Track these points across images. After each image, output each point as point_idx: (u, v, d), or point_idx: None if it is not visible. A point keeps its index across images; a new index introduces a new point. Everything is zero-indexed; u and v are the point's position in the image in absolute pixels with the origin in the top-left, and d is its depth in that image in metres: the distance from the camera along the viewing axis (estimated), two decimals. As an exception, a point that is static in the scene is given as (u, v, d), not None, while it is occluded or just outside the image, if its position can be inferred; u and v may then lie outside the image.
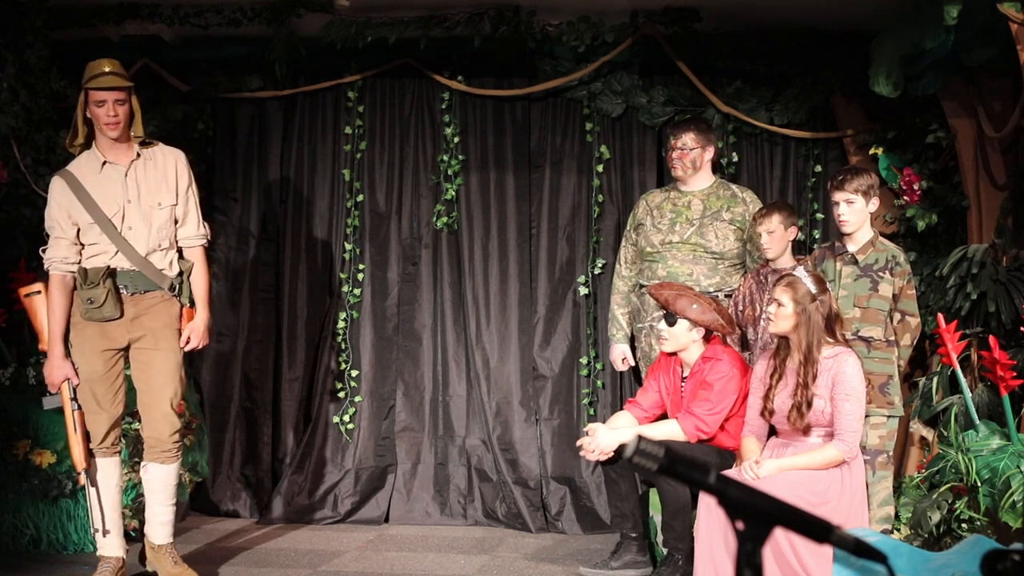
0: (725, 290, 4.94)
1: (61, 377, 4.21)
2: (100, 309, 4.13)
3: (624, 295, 5.17)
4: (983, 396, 4.56)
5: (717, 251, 4.94)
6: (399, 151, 5.94)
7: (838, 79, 5.47)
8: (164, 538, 4.37)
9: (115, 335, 4.21)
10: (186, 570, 4.35)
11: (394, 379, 5.89)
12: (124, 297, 4.20)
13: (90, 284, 4.12)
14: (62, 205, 4.16)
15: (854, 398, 3.94)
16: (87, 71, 4.18)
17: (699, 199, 5.03)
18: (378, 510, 5.74)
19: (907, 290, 4.35)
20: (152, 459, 4.30)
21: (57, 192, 4.18)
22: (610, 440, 4.45)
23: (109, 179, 4.20)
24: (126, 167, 4.22)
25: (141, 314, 4.22)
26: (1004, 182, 4.88)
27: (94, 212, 4.14)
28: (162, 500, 4.33)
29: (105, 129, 4.16)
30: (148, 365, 4.24)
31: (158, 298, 4.25)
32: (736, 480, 1.59)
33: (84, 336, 4.20)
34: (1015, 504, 3.96)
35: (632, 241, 5.16)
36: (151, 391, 4.24)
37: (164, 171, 4.27)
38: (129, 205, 4.19)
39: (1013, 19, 4.17)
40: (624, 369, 5.26)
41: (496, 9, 5.32)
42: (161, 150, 4.31)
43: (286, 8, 5.25)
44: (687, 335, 4.50)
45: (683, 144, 4.99)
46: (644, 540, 4.63)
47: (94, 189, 4.17)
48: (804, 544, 3.63)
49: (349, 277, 5.91)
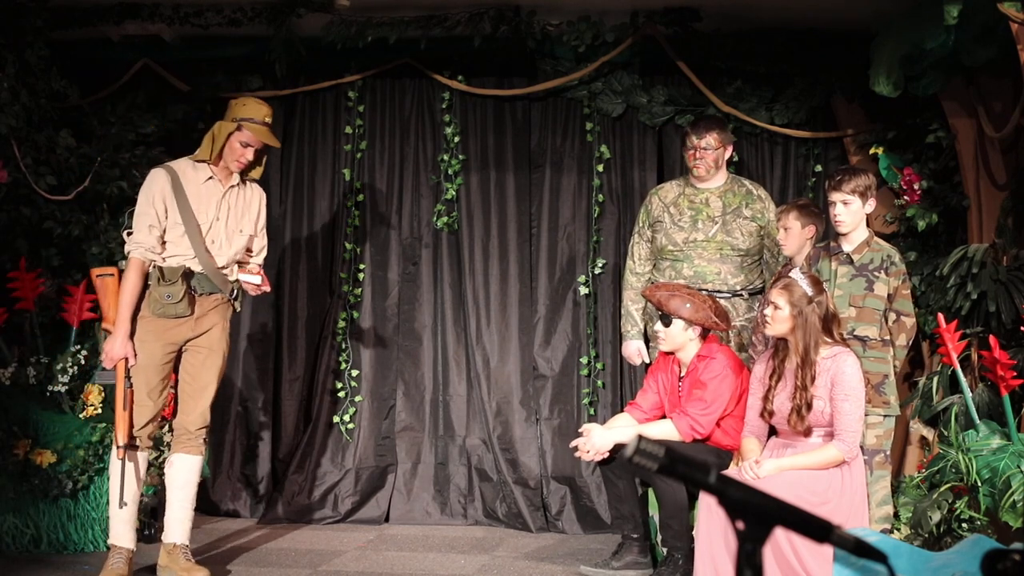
0: (749, 288, 4.92)
1: (122, 354, 4.39)
2: (176, 305, 4.39)
3: (638, 291, 5.08)
4: (983, 396, 4.55)
5: (743, 248, 4.92)
6: (399, 151, 5.94)
7: (838, 79, 5.48)
8: (181, 537, 4.46)
9: (178, 332, 4.46)
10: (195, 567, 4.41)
11: (394, 379, 5.89)
12: (195, 297, 4.47)
13: (168, 281, 4.38)
14: (163, 197, 4.40)
15: (853, 398, 3.93)
16: (248, 108, 4.46)
17: (716, 196, 4.98)
18: (378, 510, 5.74)
19: (902, 290, 4.35)
20: (179, 449, 4.49)
21: (161, 184, 4.41)
22: (605, 440, 4.45)
23: (209, 193, 4.49)
24: (225, 189, 4.52)
25: (203, 315, 4.49)
26: (1004, 182, 4.88)
27: (186, 215, 4.41)
28: (182, 497, 4.47)
29: (234, 164, 4.49)
30: (200, 363, 4.50)
31: (219, 300, 4.53)
32: (736, 480, 1.59)
33: (149, 329, 4.43)
34: (1015, 504, 3.97)
35: (647, 238, 5.07)
36: (197, 386, 4.49)
37: (250, 204, 4.61)
38: (217, 222, 4.49)
39: (1013, 19, 4.17)
40: (639, 364, 5.21)
41: (496, 9, 5.32)
42: (251, 186, 4.65)
43: (286, 8, 5.25)
44: (683, 334, 4.50)
45: (707, 144, 4.94)
46: (645, 541, 4.63)
47: (193, 197, 4.44)
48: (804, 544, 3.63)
49: (349, 277, 5.91)
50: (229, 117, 4.46)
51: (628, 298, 5.13)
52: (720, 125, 5.05)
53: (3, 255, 5.28)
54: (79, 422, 4.99)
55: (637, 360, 5.16)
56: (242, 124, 4.42)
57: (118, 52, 5.68)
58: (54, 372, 5.04)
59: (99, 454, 4.98)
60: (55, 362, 5.07)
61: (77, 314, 5.22)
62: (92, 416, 4.98)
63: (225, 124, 4.44)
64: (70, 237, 5.34)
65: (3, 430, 4.90)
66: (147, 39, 5.60)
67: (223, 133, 4.44)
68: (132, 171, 5.38)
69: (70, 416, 5.03)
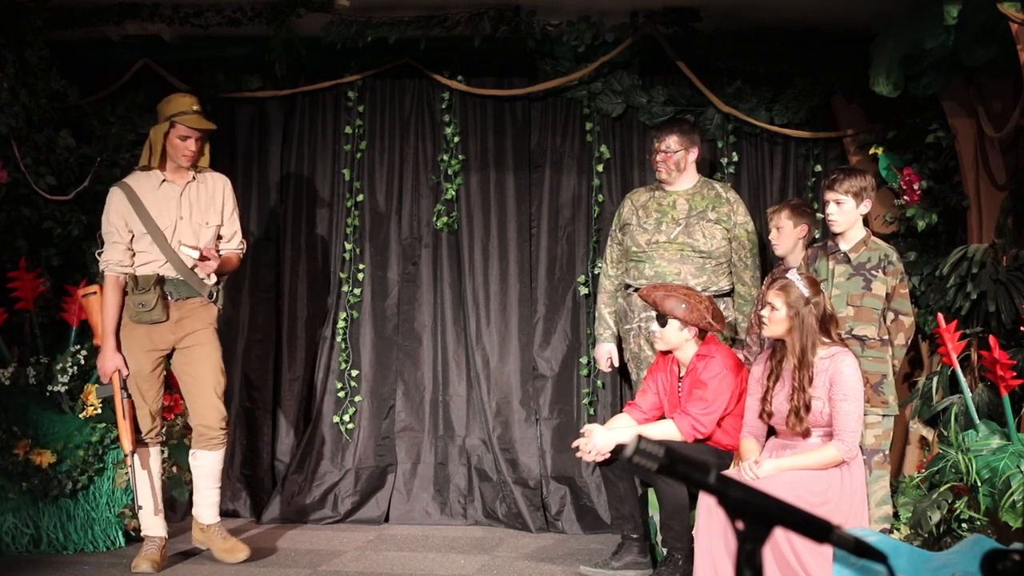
0: (712, 290, 4.94)
1: (112, 368, 4.60)
2: (150, 312, 4.57)
3: (611, 294, 5.18)
4: (983, 396, 4.55)
5: (704, 250, 4.96)
6: (399, 151, 5.94)
7: (838, 79, 5.47)
8: (213, 518, 4.79)
9: (161, 338, 4.64)
10: (237, 543, 4.76)
11: (394, 379, 5.89)
12: (169, 303, 4.64)
13: (141, 290, 4.57)
14: (120, 214, 4.59)
15: (852, 398, 3.93)
16: (174, 104, 4.61)
17: (684, 199, 5.05)
18: (378, 510, 5.74)
19: (900, 289, 4.35)
20: (201, 447, 4.73)
21: (116, 202, 4.61)
22: (606, 440, 4.45)
23: (165, 196, 4.64)
24: (182, 187, 4.67)
25: (184, 317, 4.66)
26: (1004, 182, 4.88)
27: (148, 224, 4.57)
28: (211, 484, 4.76)
29: (181, 159, 4.63)
30: (193, 361, 4.68)
31: (198, 304, 4.69)
32: (736, 480, 1.59)
33: (132, 338, 4.63)
34: (1015, 504, 3.96)
35: (618, 240, 5.17)
36: (198, 384, 4.69)
37: (213, 194, 4.73)
38: (181, 221, 4.63)
39: (1013, 19, 4.17)
40: (608, 370, 5.27)
41: (496, 9, 5.32)
42: (212, 175, 4.76)
43: (286, 8, 5.25)
44: (679, 335, 4.51)
45: (667, 147, 5.01)
46: (645, 542, 4.63)
47: (151, 204, 4.61)
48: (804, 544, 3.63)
49: (349, 277, 5.91)
50: (161, 119, 4.63)
51: (601, 301, 5.21)
52: (682, 127, 5.09)
53: (3, 255, 5.29)
54: (79, 422, 5.00)
55: (605, 363, 5.19)
56: (174, 120, 4.59)
57: (118, 52, 5.68)
58: (54, 372, 5.04)
59: (99, 454, 4.98)
60: (55, 362, 5.07)
61: (77, 314, 5.23)
62: (92, 416, 4.98)
63: (159, 127, 4.62)
64: (70, 237, 5.35)
65: (3, 430, 4.90)
66: (147, 39, 5.60)
67: (159, 135, 4.62)
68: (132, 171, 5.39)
69: (70, 416, 5.03)
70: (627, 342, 5.14)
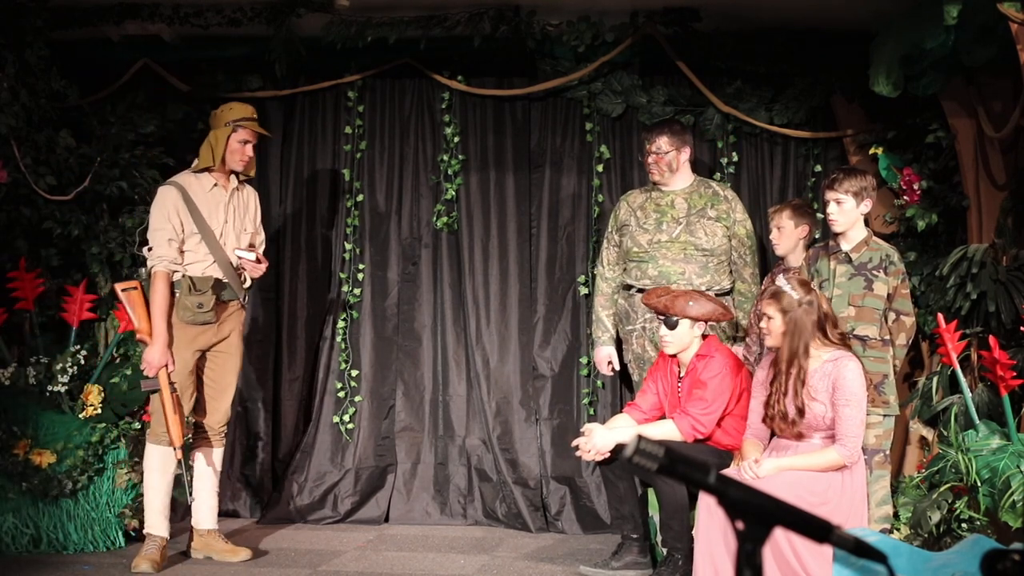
0: (715, 288, 4.93)
1: (163, 362, 4.64)
2: (207, 314, 4.68)
3: (608, 296, 5.15)
4: (983, 396, 4.56)
5: (707, 248, 4.95)
6: (399, 151, 5.94)
7: (838, 79, 5.47)
8: (212, 523, 4.85)
9: (204, 338, 4.75)
10: (237, 548, 4.82)
11: (394, 379, 5.89)
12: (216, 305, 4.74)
13: (199, 291, 4.67)
14: (176, 211, 4.68)
15: (854, 403, 3.91)
16: (236, 110, 4.76)
17: (682, 198, 5.03)
18: (378, 510, 5.74)
19: (901, 289, 4.35)
20: (203, 444, 4.85)
21: (172, 200, 4.69)
22: (606, 440, 4.44)
23: (215, 200, 4.77)
24: (228, 193, 4.81)
25: (224, 319, 4.79)
26: (1004, 182, 4.88)
27: (201, 225, 4.69)
28: (209, 487, 4.84)
29: (238, 164, 4.77)
30: (222, 365, 4.83)
31: (236, 307, 4.84)
32: (736, 480, 1.58)
33: (181, 337, 4.70)
34: (1015, 504, 3.97)
35: (615, 243, 5.14)
36: (219, 388, 4.84)
37: (247, 203, 4.92)
38: (227, 225, 4.78)
39: (1013, 19, 4.17)
40: (609, 373, 5.25)
41: (496, 9, 5.32)
42: (247, 188, 4.95)
43: (286, 8, 5.25)
44: (690, 333, 4.49)
45: (657, 148, 5.00)
46: (645, 542, 4.63)
47: (202, 205, 4.72)
48: (804, 544, 3.63)
49: (349, 277, 5.91)
50: (221, 123, 4.74)
51: (599, 304, 5.17)
52: (672, 128, 5.07)
53: (3, 255, 5.29)
54: (79, 422, 5.00)
55: (606, 367, 5.17)
56: (236, 125, 4.72)
57: (118, 52, 5.68)
58: (54, 372, 5.04)
59: (99, 454, 4.98)
60: (55, 362, 5.07)
61: (77, 314, 5.24)
62: (92, 416, 4.98)
63: (220, 131, 4.73)
64: (70, 237, 5.35)
65: (3, 430, 4.90)
66: (147, 39, 5.60)
67: (221, 139, 4.73)
68: (132, 171, 5.39)
69: (70, 416, 5.03)
70: (629, 343, 5.12)
